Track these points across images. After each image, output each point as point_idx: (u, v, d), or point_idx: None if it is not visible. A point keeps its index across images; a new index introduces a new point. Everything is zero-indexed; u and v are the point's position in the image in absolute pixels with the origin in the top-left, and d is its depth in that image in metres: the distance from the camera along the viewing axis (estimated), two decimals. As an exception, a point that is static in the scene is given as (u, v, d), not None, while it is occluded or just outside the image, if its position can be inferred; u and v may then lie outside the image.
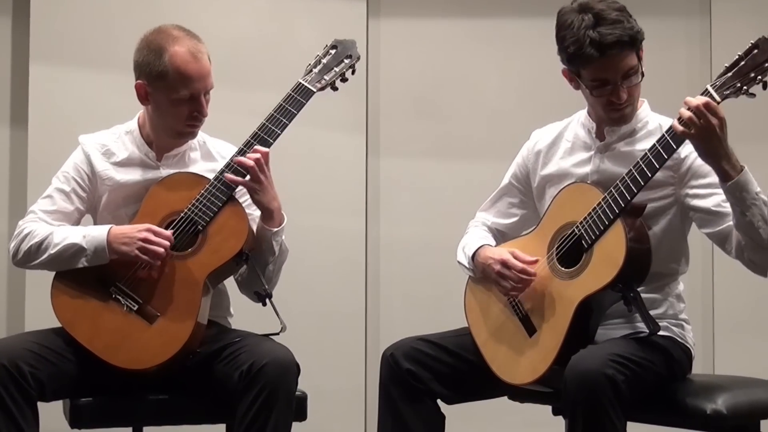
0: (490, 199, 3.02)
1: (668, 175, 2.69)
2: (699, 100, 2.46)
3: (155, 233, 2.71)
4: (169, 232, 2.73)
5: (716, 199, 2.63)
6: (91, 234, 2.75)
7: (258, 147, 2.77)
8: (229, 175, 2.76)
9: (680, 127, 2.48)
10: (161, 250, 2.69)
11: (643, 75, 2.68)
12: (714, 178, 2.57)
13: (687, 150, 2.65)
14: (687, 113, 2.47)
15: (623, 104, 2.69)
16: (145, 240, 2.70)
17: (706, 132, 2.46)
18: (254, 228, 2.84)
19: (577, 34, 2.62)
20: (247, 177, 2.76)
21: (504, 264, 2.73)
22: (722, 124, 2.47)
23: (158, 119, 2.87)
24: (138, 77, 2.83)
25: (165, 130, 2.88)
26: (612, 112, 2.72)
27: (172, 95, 2.79)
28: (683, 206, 2.71)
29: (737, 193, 2.50)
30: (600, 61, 2.62)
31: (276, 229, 2.81)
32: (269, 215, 2.80)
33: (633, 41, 2.62)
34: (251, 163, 2.75)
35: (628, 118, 2.74)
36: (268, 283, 2.83)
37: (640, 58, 2.67)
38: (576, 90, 2.78)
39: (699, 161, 2.59)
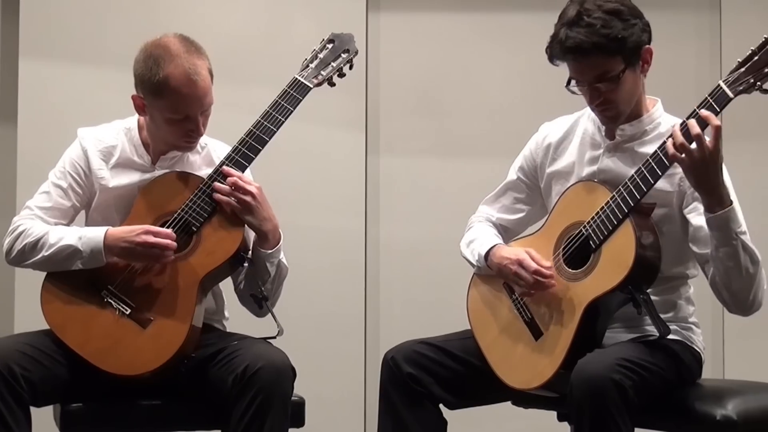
0: (494, 192, 2.98)
1: (673, 184, 2.65)
2: (693, 128, 2.42)
3: (154, 234, 2.67)
4: (169, 231, 2.68)
5: None
6: (87, 235, 2.71)
7: (230, 170, 2.73)
8: (217, 195, 2.73)
9: (671, 150, 2.45)
10: (166, 252, 2.65)
11: (617, 80, 2.59)
12: None
13: None
14: (680, 138, 2.43)
15: (596, 106, 2.66)
16: (145, 243, 2.66)
17: (698, 161, 2.42)
18: (251, 233, 2.81)
19: (556, 28, 2.62)
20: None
21: (521, 264, 2.69)
22: (717, 152, 2.42)
23: (155, 131, 2.84)
24: (135, 88, 2.80)
25: (161, 141, 2.85)
26: (594, 109, 2.70)
27: (166, 114, 2.75)
28: (682, 216, 2.68)
29: (718, 227, 2.48)
30: (566, 60, 2.62)
31: (269, 251, 2.76)
32: (262, 237, 2.76)
33: (601, 47, 2.56)
34: (228, 188, 2.72)
35: (612, 120, 2.69)
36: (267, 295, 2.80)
37: (630, 64, 2.60)
38: None
39: None
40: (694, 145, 2.42)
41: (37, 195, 2.85)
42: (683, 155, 2.43)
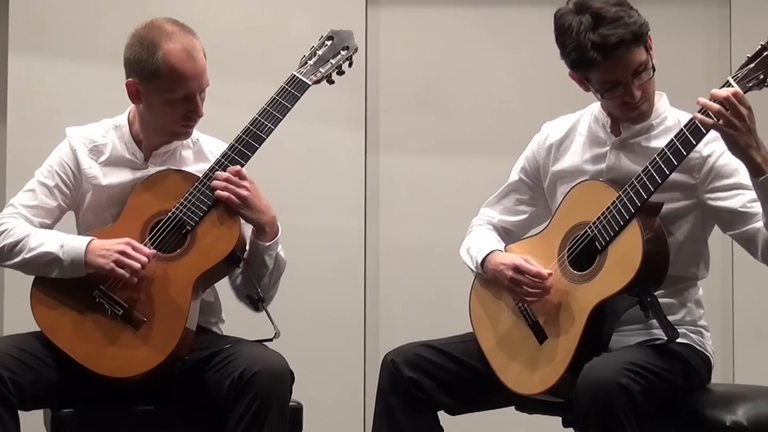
0: (496, 194, 2.95)
1: (689, 177, 2.62)
2: (727, 90, 2.40)
3: (134, 248, 2.65)
4: (149, 250, 2.66)
5: (742, 199, 2.57)
6: (69, 244, 2.68)
7: (222, 174, 2.72)
8: (216, 190, 2.70)
9: (709, 120, 2.41)
10: (138, 265, 2.63)
11: (654, 69, 2.61)
12: (738, 177, 2.53)
13: (709, 149, 2.59)
14: (715, 105, 2.40)
15: (638, 102, 2.62)
16: (122, 253, 2.63)
17: (737, 124, 2.39)
18: (247, 231, 2.78)
19: (577, 39, 2.55)
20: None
21: (517, 269, 2.66)
22: (751, 114, 2.40)
23: (151, 119, 2.80)
24: (129, 75, 2.76)
25: (157, 129, 2.81)
26: (628, 111, 2.65)
27: (165, 95, 2.72)
28: (706, 208, 2.64)
29: None
30: (605, 64, 2.56)
31: (268, 244, 2.74)
32: (261, 229, 2.74)
33: (637, 37, 2.55)
34: (222, 185, 2.69)
35: (645, 114, 2.67)
36: (263, 296, 2.78)
37: (649, 50, 2.60)
38: (587, 92, 2.71)
39: (722, 161, 2.56)
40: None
41: (21, 193, 2.82)
42: (721, 121, 2.40)
